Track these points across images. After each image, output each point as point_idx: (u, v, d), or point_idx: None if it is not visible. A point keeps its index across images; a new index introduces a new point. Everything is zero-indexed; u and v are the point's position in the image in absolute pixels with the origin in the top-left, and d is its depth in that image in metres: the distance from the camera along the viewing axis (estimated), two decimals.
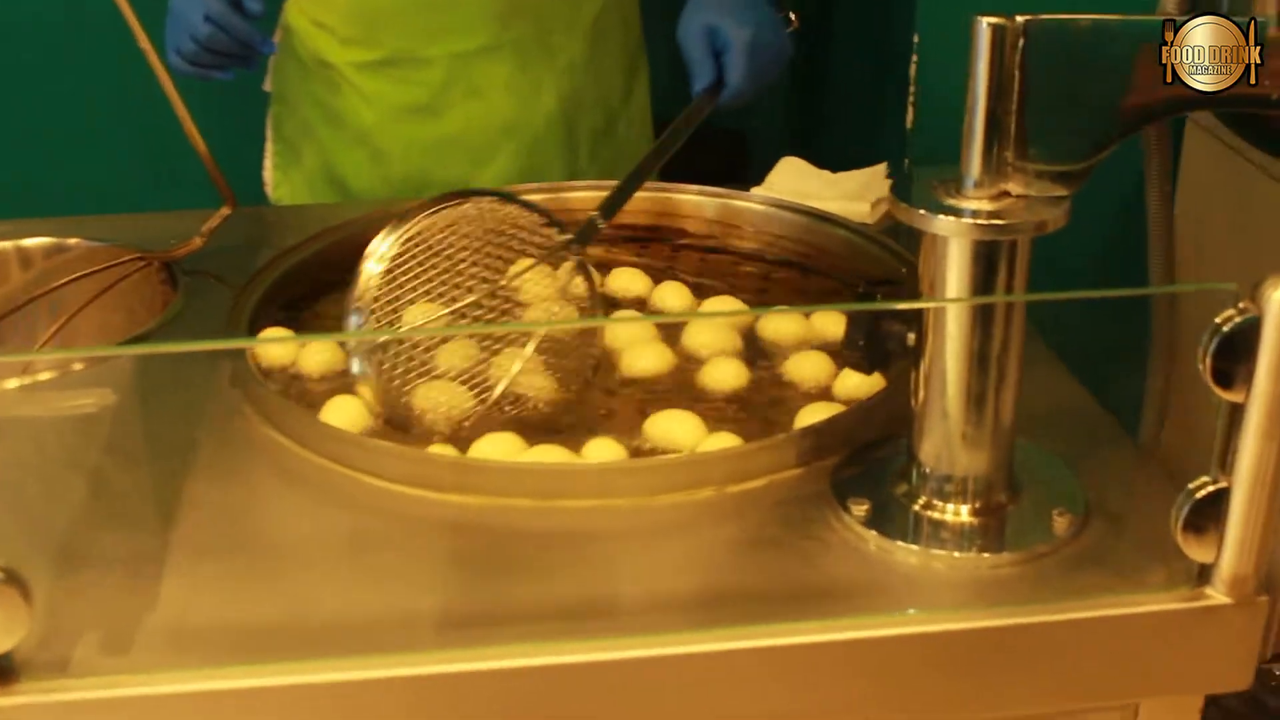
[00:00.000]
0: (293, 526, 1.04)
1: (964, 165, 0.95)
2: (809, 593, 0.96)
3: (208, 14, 1.43)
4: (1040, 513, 1.01)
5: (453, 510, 1.04)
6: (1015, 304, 0.96)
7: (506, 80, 1.64)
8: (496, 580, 0.97)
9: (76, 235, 1.51)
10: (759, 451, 1.06)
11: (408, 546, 1.01)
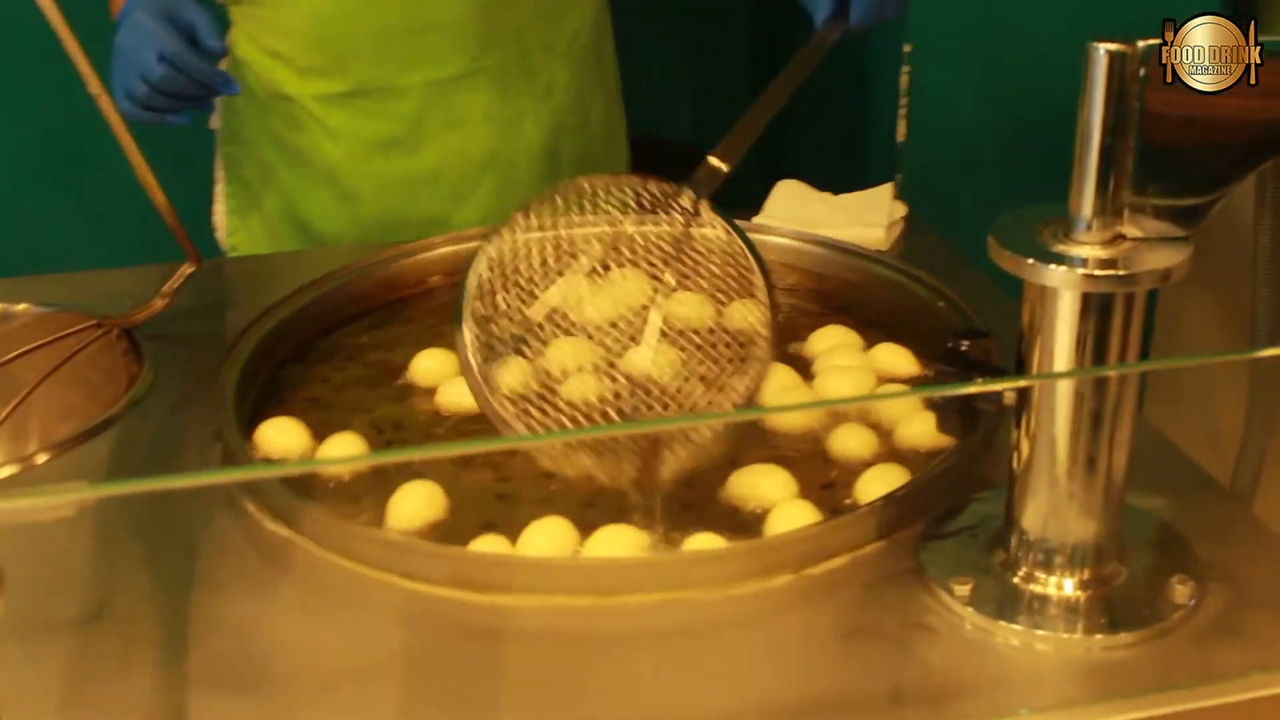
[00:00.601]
0: (323, 646, 0.91)
1: (1074, 206, 0.85)
2: (922, 692, 0.86)
3: (162, 53, 1.28)
4: (1155, 582, 0.92)
5: (501, 614, 0.92)
6: (1132, 355, 0.87)
7: (486, 109, 1.51)
8: (564, 696, 0.86)
9: (21, 300, 1.36)
10: (838, 528, 0.96)
11: (458, 661, 0.89)
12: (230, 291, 1.41)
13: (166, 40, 1.28)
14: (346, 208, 1.54)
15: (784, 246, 1.36)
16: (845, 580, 0.94)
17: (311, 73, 1.49)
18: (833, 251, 1.35)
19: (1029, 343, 0.88)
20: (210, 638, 0.91)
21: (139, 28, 1.30)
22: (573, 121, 1.59)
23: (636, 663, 0.88)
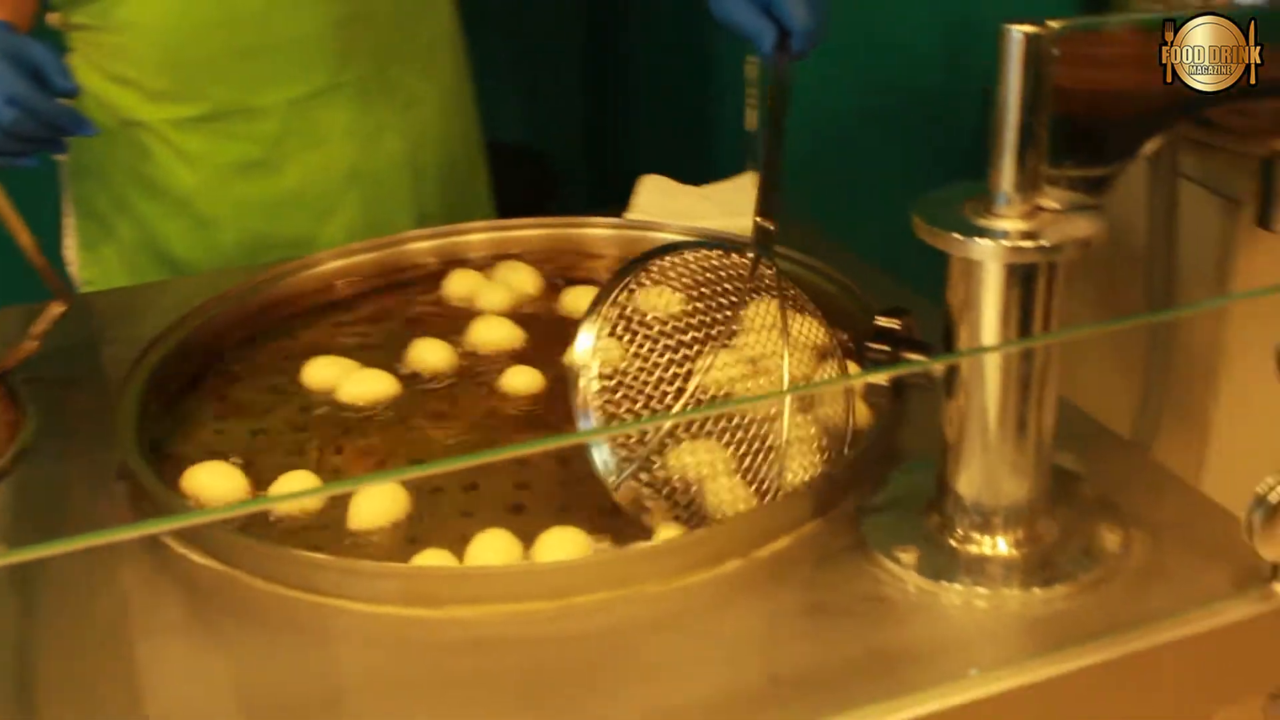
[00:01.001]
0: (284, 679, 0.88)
1: (995, 181, 0.89)
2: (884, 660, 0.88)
3: (11, 97, 1.21)
4: (1085, 534, 0.96)
5: (457, 627, 0.91)
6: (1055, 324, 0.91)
7: (347, 125, 1.49)
8: (534, 700, 0.86)
9: None
10: (780, 510, 0.98)
11: (421, 677, 0.88)
12: (100, 328, 1.37)
13: (14, 83, 1.22)
14: (206, 234, 1.50)
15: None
16: (793, 560, 0.96)
17: (163, 97, 1.45)
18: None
19: (956, 316, 0.92)
20: (169, 685, 0.88)
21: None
22: (434, 133, 1.58)
23: (602, 661, 0.89)
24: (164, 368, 1.20)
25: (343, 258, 1.36)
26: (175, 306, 1.30)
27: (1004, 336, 0.91)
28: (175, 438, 1.16)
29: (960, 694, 0.85)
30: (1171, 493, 1.03)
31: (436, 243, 1.38)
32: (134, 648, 0.92)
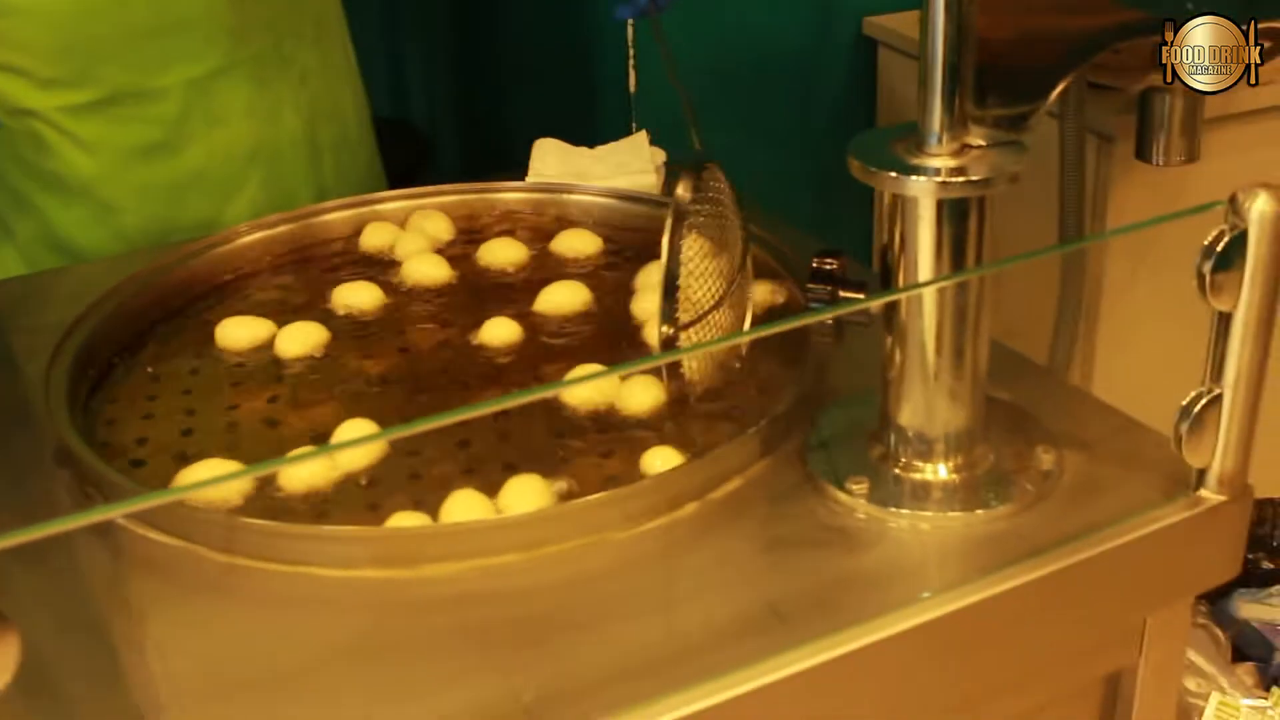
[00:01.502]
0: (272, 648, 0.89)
1: (924, 121, 0.92)
2: (848, 588, 0.92)
3: None
4: (1020, 456, 1.01)
5: (430, 584, 0.93)
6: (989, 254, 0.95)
7: (247, 103, 1.48)
8: (518, 653, 0.88)
9: None
10: (730, 452, 1.01)
11: (403, 638, 0.89)
12: (6, 316, 1.34)
13: None
14: (109, 221, 1.47)
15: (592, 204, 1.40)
16: (747, 499, 1.00)
17: (55, 84, 1.41)
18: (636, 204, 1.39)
19: (892, 253, 0.96)
20: (154, 663, 0.89)
21: None
22: (327, 107, 1.57)
23: (577, 606, 0.91)
24: (88, 350, 1.18)
25: (260, 230, 1.35)
26: (78, 292, 1.29)
27: (938, 270, 0.95)
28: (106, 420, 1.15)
29: (918, 615, 0.89)
30: (1094, 414, 1.09)
31: (351, 213, 1.39)
32: (104, 632, 0.92)
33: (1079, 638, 1.00)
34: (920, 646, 0.90)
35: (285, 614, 0.92)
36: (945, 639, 0.91)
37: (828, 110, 2.07)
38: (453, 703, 0.83)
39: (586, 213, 1.40)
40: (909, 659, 0.90)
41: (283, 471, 1.02)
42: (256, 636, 0.91)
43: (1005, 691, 0.99)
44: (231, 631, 0.91)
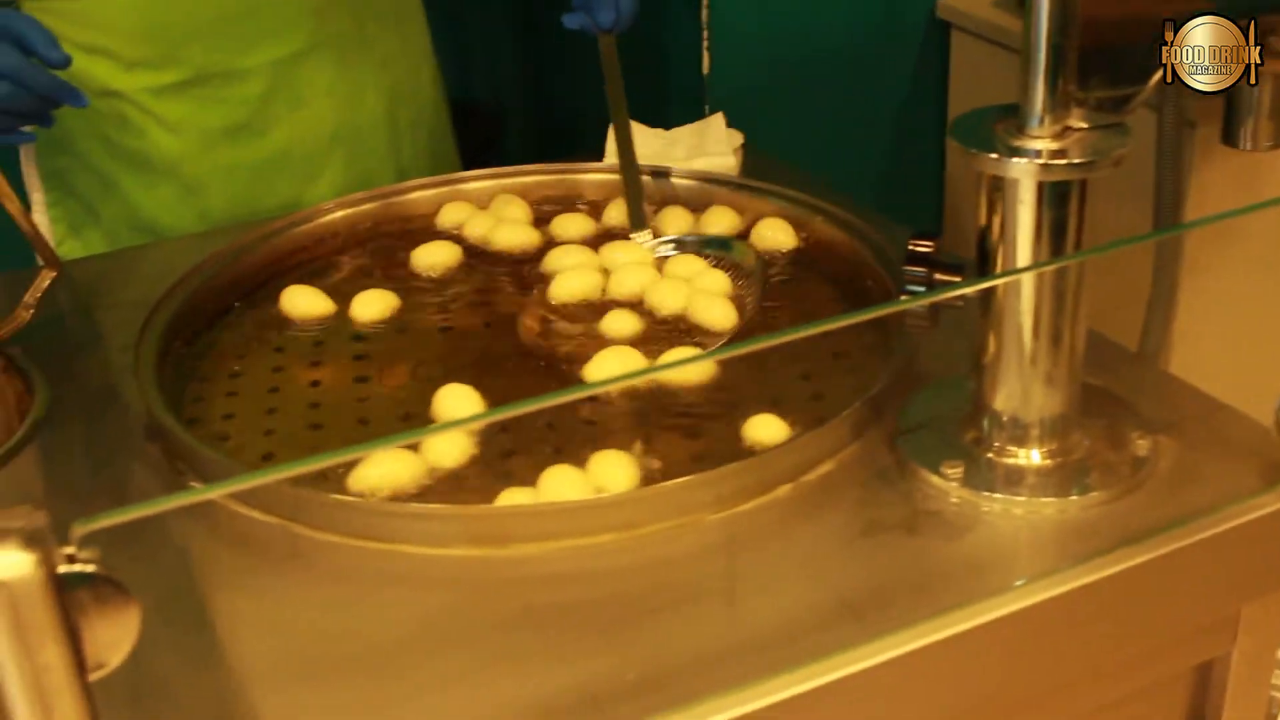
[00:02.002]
0: (364, 626, 0.90)
1: (1026, 103, 0.91)
2: (944, 573, 0.92)
3: (1, 70, 1.20)
4: (1115, 442, 1.00)
5: (525, 564, 0.93)
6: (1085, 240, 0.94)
7: (329, 84, 1.48)
8: (611, 634, 0.87)
9: None
10: (821, 436, 1.00)
11: (494, 617, 0.90)
12: (89, 294, 1.35)
13: (4, 56, 1.19)
14: (193, 202, 1.48)
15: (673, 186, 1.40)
16: (840, 482, 0.99)
17: (141, 65, 1.42)
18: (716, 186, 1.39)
19: (990, 236, 0.95)
20: (248, 639, 0.89)
21: None
22: (407, 89, 1.58)
23: (672, 588, 0.91)
24: (175, 326, 1.19)
25: (344, 208, 1.36)
26: (161, 269, 1.30)
27: (1038, 254, 0.94)
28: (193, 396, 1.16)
29: (1011, 602, 0.89)
30: (1189, 400, 1.07)
31: (433, 192, 1.39)
32: (197, 607, 0.92)
33: (1172, 627, 0.99)
34: (1012, 634, 0.89)
35: (378, 591, 0.93)
36: (1037, 627, 0.90)
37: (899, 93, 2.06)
38: (543, 682, 0.83)
39: (669, 195, 1.39)
40: (1001, 646, 0.89)
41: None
42: (349, 613, 0.91)
43: (1096, 680, 0.98)
44: (325, 608, 0.92)
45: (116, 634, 0.59)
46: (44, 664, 0.56)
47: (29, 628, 0.55)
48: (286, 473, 0.89)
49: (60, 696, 0.57)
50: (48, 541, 0.56)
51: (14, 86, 1.20)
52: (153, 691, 0.84)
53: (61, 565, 0.56)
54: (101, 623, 0.58)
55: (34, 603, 0.55)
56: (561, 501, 0.96)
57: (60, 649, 0.56)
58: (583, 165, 1.42)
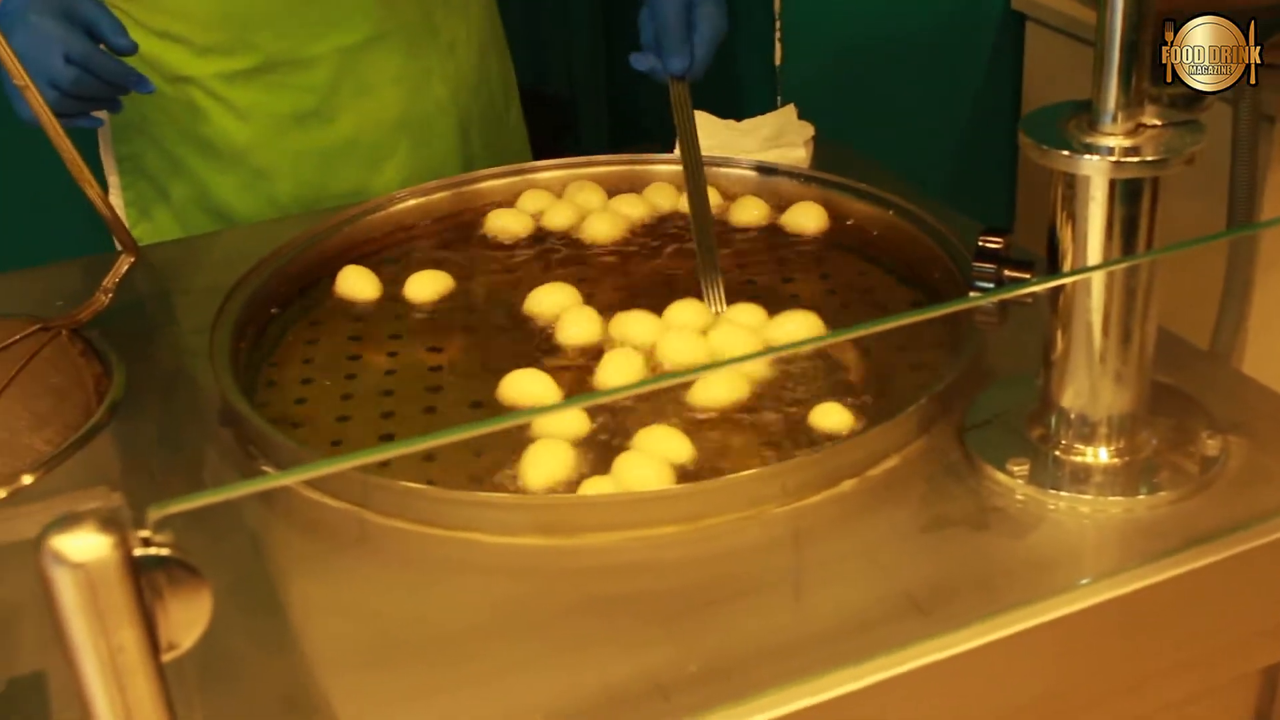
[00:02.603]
0: (433, 613, 0.90)
1: (1098, 99, 0.91)
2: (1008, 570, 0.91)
3: (69, 55, 1.21)
4: (1183, 441, 1.00)
5: (592, 554, 0.94)
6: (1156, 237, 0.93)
7: (396, 71, 1.49)
8: (676, 626, 0.88)
9: None
10: (886, 431, 1.00)
11: (560, 606, 0.90)
12: (164, 279, 1.37)
13: (73, 42, 1.22)
14: (261, 187, 1.50)
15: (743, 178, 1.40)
16: (905, 477, 0.99)
17: (213, 51, 1.44)
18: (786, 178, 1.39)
19: (1061, 233, 0.94)
20: (317, 623, 0.90)
21: (39, 30, 1.23)
22: (474, 79, 1.59)
23: (737, 580, 0.91)
24: (249, 312, 1.20)
25: (416, 197, 1.38)
26: (233, 256, 1.32)
27: (1109, 251, 0.93)
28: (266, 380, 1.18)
29: (1076, 601, 0.88)
30: (1260, 400, 1.06)
31: (505, 181, 1.40)
32: (267, 590, 0.94)
33: (1238, 629, 0.98)
34: (1076, 633, 0.89)
35: (446, 578, 0.94)
36: (1102, 626, 0.90)
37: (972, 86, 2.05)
38: (608, 670, 0.84)
39: (737, 186, 1.39)
40: (1065, 645, 0.89)
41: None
42: (418, 599, 0.92)
43: (1160, 680, 0.97)
44: (394, 593, 0.93)
45: (189, 616, 0.60)
46: (118, 644, 0.57)
47: (105, 609, 0.56)
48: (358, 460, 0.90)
49: (134, 676, 0.58)
50: (124, 525, 0.57)
51: (82, 72, 1.22)
52: (224, 673, 0.86)
53: (137, 548, 0.57)
54: (175, 605, 0.60)
55: (110, 585, 0.56)
56: (628, 493, 0.96)
57: (134, 630, 0.58)
58: (653, 156, 1.43)
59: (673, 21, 1.30)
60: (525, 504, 0.96)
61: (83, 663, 0.57)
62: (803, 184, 1.37)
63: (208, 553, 0.94)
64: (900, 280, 1.26)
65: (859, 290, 1.26)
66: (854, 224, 1.33)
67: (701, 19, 1.32)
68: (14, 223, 2.34)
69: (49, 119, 1.20)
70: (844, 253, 1.31)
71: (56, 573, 0.56)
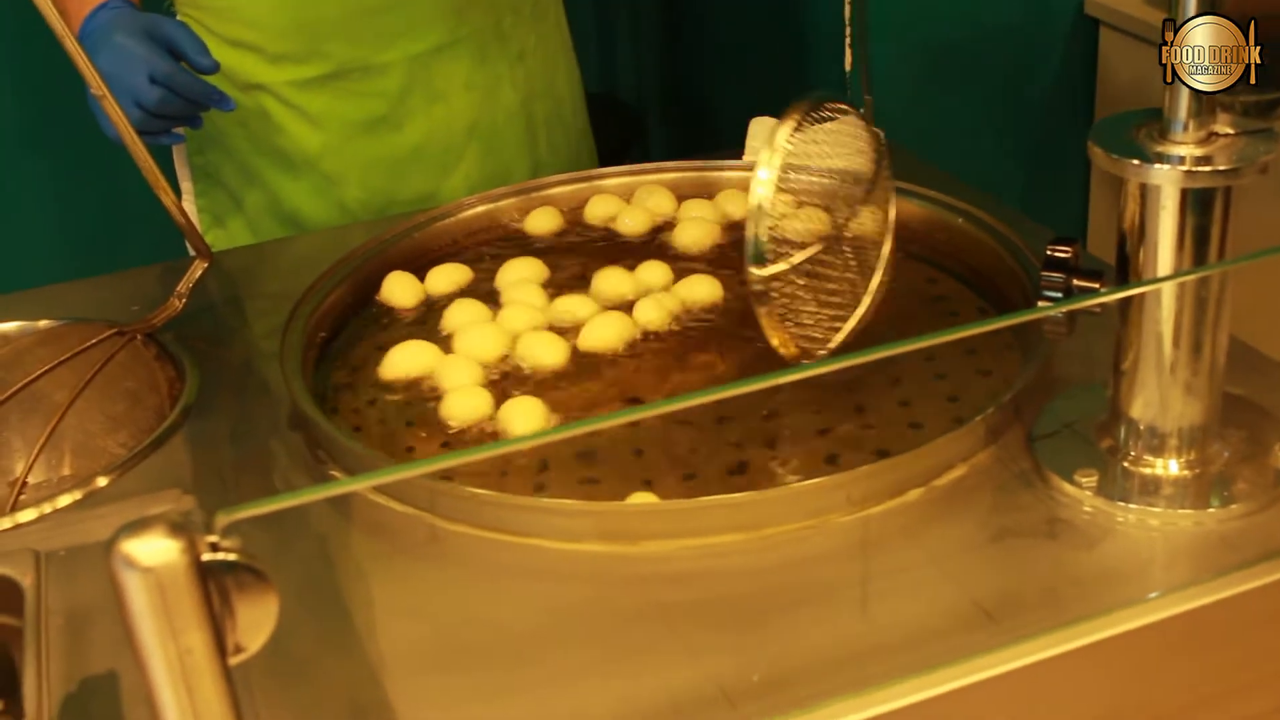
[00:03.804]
0: (498, 617, 0.91)
1: (1169, 107, 0.90)
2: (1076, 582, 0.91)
3: (153, 75, 1.25)
4: (1255, 454, 0.98)
5: (656, 561, 0.94)
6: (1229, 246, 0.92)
7: (466, 78, 1.50)
8: (737, 634, 0.88)
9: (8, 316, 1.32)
10: (955, 440, 1.00)
11: (624, 612, 0.91)
12: (235, 284, 1.39)
13: (157, 62, 1.26)
14: (332, 193, 1.51)
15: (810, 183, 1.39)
16: (972, 487, 0.99)
17: (285, 59, 1.46)
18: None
19: (1131, 242, 0.93)
20: (383, 626, 0.91)
21: (123, 51, 1.27)
22: (542, 85, 1.59)
23: (800, 590, 0.91)
24: (319, 318, 1.22)
25: (483, 203, 1.39)
26: (303, 262, 1.33)
27: (1179, 261, 0.92)
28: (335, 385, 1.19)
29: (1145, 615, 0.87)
30: None
31: (571, 187, 1.41)
32: (334, 593, 0.95)
33: None
34: (1145, 648, 0.88)
35: (509, 583, 0.95)
36: (1171, 642, 0.89)
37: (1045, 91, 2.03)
38: (668, 678, 0.84)
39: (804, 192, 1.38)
40: (1133, 659, 0.88)
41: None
42: (481, 604, 0.93)
43: (1229, 697, 0.96)
44: (457, 598, 0.94)
45: (256, 619, 0.61)
46: (186, 647, 0.58)
47: (173, 612, 0.57)
48: (426, 468, 0.91)
49: (201, 678, 0.59)
50: (192, 530, 0.58)
51: (166, 92, 1.25)
52: (290, 674, 0.87)
53: (205, 553, 0.58)
54: (242, 608, 0.60)
55: (178, 589, 0.57)
56: (691, 500, 0.97)
57: (202, 633, 0.59)
58: (720, 163, 1.43)
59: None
60: (589, 510, 0.96)
61: (151, 665, 0.58)
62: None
63: (276, 555, 0.97)
64: (969, 287, 1.25)
65: (927, 299, 1.25)
66: (920, 230, 1.32)
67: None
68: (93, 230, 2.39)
69: (126, 128, 1.22)
70: (911, 260, 1.30)
71: (126, 576, 0.57)
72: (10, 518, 1.04)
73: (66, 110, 1.36)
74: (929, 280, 1.28)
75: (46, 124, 2.31)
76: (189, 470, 1.10)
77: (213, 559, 0.59)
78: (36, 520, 1.04)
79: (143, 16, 1.30)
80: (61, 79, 1.23)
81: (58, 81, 1.28)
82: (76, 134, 1.40)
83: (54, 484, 1.20)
